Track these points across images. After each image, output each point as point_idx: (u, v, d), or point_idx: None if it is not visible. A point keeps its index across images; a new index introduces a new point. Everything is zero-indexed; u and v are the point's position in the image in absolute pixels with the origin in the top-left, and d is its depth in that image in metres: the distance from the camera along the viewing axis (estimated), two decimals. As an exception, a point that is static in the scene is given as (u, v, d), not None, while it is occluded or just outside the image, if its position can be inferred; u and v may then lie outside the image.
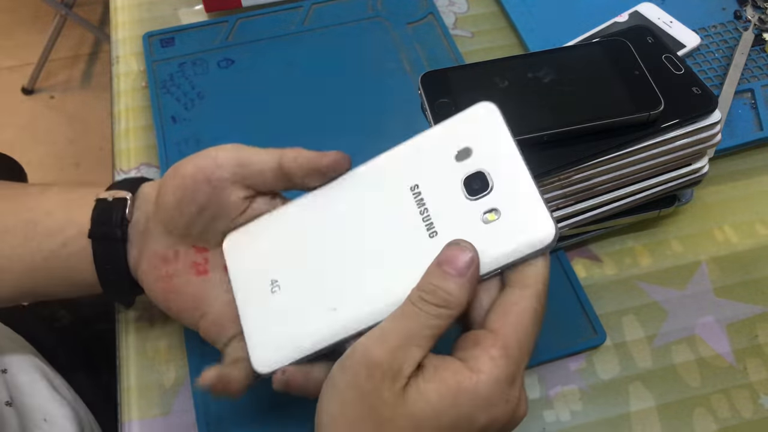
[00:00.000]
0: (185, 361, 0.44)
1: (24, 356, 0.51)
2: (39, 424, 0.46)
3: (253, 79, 0.58)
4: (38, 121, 1.70)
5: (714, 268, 0.48)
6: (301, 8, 0.64)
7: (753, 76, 0.56)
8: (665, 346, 0.45)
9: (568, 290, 0.47)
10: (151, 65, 0.59)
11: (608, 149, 0.41)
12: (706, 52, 0.58)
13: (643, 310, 0.47)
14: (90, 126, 1.67)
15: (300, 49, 0.61)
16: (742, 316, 0.46)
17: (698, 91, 0.43)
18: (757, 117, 0.54)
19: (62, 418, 0.48)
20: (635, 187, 0.45)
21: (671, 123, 0.41)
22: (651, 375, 0.44)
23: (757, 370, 0.44)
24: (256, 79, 0.58)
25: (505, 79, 0.43)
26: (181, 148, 0.54)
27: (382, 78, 0.59)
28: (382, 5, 0.64)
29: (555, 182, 0.41)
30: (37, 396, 0.48)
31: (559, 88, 0.42)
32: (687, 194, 0.50)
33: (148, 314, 0.47)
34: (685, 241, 0.50)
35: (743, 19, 0.60)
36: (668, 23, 0.57)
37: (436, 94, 0.42)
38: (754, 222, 0.50)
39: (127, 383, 0.44)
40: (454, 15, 0.64)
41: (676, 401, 0.43)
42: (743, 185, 0.52)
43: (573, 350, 0.45)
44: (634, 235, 0.50)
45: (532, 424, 0.42)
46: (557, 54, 0.44)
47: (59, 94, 1.76)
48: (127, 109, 0.58)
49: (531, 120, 0.41)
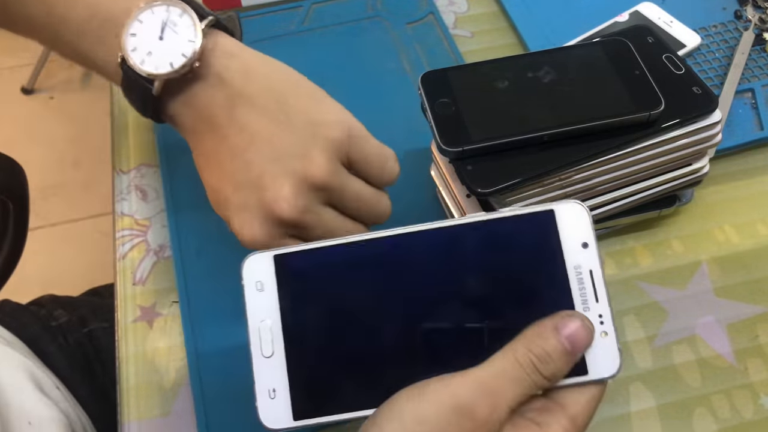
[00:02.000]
0: (185, 362, 0.44)
1: (11, 357, 0.50)
2: (23, 428, 0.46)
3: (253, 79, 0.58)
4: (38, 121, 1.70)
5: (714, 268, 0.48)
6: (301, 8, 0.64)
7: (753, 76, 0.56)
8: (666, 346, 0.45)
9: (568, 290, 0.47)
10: (151, 65, 0.59)
11: (608, 149, 0.41)
12: (706, 52, 0.58)
13: (643, 310, 0.46)
14: (90, 126, 1.67)
15: (300, 49, 0.61)
16: (742, 316, 0.46)
17: (699, 90, 0.43)
18: (757, 117, 0.54)
19: (49, 422, 0.47)
20: (635, 187, 0.45)
21: (672, 123, 0.41)
22: (651, 375, 0.44)
23: (758, 370, 0.44)
24: (256, 79, 0.58)
25: (505, 79, 0.42)
26: (180, 148, 0.54)
27: (382, 78, 0.59)
28: (381, 5, 0.64)
29: (555, 182, 0.41)
30: (23, 398, 0.47)
31: (559, 87, 0.42)
32: (687, 194, 0.50)
33: (149, 314, 0.47)
34: (685, 241, 0.50)
35: (744, 18, 0.60)
36: (668, 23, 0.57)
37: (436, 94, 0.42)
38: (754, 222, 0.50)
39: (126, 384, 0.44)
40: (454, 15, 0.64)
41: (676, 401, 0.43)
42: (744, 185, 0.52)
43: (573, 350, 0.44)
44: (634, 235, 0.50)
45: (533, 425, 0.42)
46: (557, 54, 0.44)
47: (59, 94, 1.76)
48: (126, 110, 0.58)
49: (531, 120, 0.41)
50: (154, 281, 0.48)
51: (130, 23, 0.37)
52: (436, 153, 0.46)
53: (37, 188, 1.49)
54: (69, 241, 1.42)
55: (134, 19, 0.37)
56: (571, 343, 0.29)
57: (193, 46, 0.37)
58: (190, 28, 0.37)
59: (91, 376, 0.56)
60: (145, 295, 0.48)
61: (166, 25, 0.37)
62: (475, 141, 0.40)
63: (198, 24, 0.37)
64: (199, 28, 0.37)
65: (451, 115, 0.41)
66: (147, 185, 0.54)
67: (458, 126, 0.40)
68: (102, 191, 1.47)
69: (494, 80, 0.43)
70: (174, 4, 0.38)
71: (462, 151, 0.40)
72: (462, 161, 0.40)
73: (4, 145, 0.65)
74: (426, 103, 0.42)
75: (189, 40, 0.37)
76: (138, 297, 0.48)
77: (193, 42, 0.37)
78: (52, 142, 1.65)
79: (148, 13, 0.37)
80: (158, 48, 0.37)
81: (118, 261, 0.50)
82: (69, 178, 1.57)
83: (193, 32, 0.37)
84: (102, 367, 0.58)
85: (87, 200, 1.48)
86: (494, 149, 0.40)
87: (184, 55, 0.37)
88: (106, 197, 1.48)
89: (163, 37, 0.37)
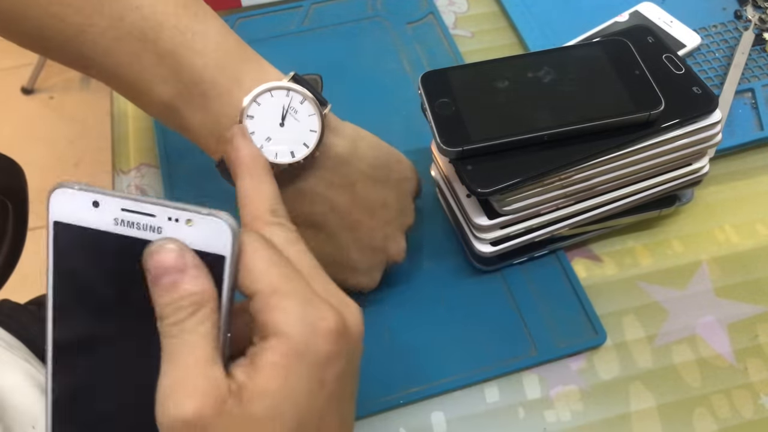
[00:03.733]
0: (185, 362, 0.44)
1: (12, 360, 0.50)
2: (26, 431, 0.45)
3: (253, 79, 0.58)
4: (38, 121, 1.70)
5: (715, 268, 0.48)
6: (301, 8, 0.64)
7: (753, 76, 0.56)
8: (666, 346, 0.45)
9: (568, 290, 0.47)
10: (151, 65, 0.59)
11: (608, 149, 0.41)
12: (706, 52, 0.58)
13: (643, 310, 0.46)
14: (90, 126, 1.67)
15: (300, 49, 0.61)
16: (742, 315, 0.46)
17: (699, 90, 0.43)
18: (757, 117, 0.54)
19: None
20: (636, 187, 0.45)
21: (672, 123, 0.41)
22: (651, 375, 0.44)
23: (758, 370, 0.44)
24: (256, 79, 0.58)
25: (505, 79, 0.42)
26: (180, 148, 0.54)
27: (382, 78, 0.59)
28: (381, 5, 0.64)
29: (555, 182, 0.41)
30: (25, 401, 0.47)
31: (559, 87, 0.42)
32: (687, 194, 0.50)
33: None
34: (685, 241, 0.50)
35: (744, 18, 0.60)
36: (668, 23, 0.57)
37: (436, 94, 0.42)
38: (754, 222, 0.50)
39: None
40: (454, 15, 0.64)
41: (676, 401, 0.43)
42: (744, 185, 0.52)
43: (573, 350, 0.44)
44: (634, 234, 0.50)
45: (533, 425, 0.42)
46: (557, 54, 0.44)
47: (59, 94, 1.75)
48: (126, 109, 0.58)
49: (531, 120, 0.41)
50: (154, 281, 0.48)
51: (249, 104, 0.36)
52: (436, 153, 0.46)
53: (37, 188, 1.48)
54: (69, 241, 1.42)
55: (253, 101, 0.36)
56: (158, 274, 0.25)
57: (316, 135, 0.36)
58: (313, 117, 0.36)
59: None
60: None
61: (288, 111, 0.36)
62: (475, 141, 0.40)
63: (320, 114, 0.37)
64: (321, 118, 0.36)
65: (451, 115, 0.41)
66: (147, 185, 0.54)
67: (458, 126, 0.40)
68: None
69: (494, 80, 0.43)
70: (295, 90, 0.36)
71: (462, 151, 0.40)
72: (462, 161, 0.40)
73: (4, 145, 0.65)
74: (426, 103, 0.42)
75: (311, 129, 0.36)
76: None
77: (315, 132, 0.36)
78: (52, 142, 1.65)
79: (267, 96, 0.36)
80: (278, 134, 0.36)
81: (118, 261, 0.50)
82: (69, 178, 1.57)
83: (316, 122, 0.36)
84: None
85: (87, 200, 1.48)
86: (494, 149, 0.40)
87: (306, 145, 0.36)
88: (106, 197, 1.47)
89: (284, 124, 0.36)
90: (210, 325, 0.26)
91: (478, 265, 0.47)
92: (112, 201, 0.26)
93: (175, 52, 0.35)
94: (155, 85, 0.36)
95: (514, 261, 0.47)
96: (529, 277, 0.47)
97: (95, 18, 0.34)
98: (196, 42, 0.35)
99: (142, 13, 0.34)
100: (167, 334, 0.25)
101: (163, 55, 0.35)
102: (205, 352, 0.25)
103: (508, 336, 0.45)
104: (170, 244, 0.25)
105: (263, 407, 0.25)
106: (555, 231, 0.45)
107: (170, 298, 0.25)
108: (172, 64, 0.35)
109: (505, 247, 0.45)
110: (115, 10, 0.34)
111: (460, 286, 0.47)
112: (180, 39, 0.35)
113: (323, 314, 0.27)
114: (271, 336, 0.26)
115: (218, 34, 0.36)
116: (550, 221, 0.44)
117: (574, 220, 0.45)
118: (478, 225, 0.43)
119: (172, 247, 0.25)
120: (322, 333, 0.26)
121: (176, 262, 0.25)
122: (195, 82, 0.36)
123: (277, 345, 0.26)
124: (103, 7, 0.34)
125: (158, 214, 0.26)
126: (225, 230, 0.26)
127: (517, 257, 0.47)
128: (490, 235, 0.43)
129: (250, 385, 0.25)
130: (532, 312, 0.46)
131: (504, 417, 0.43)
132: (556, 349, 0.44)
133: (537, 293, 0.47)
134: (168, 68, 0.35)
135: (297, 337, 0.26)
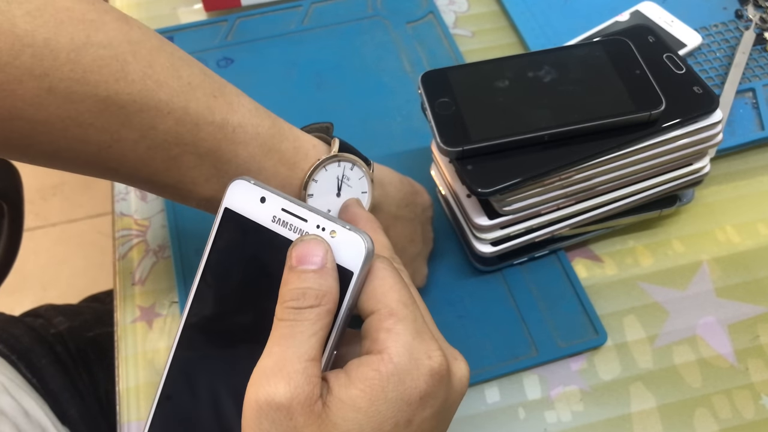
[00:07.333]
0: (184, 362, 0.44)
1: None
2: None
3: (253, 78, 0.58)
4: (37, 121, 1.70)
5: (715, 268, 0.48)
6: (301, 7, 0.64)
7: (754, 76, 0.56)
8: (666, 347, 0.45)
9: (568, 290, 0.47)
10: (150, 65, 0.59)
11: (609, 149, 0.41)
12: (707, 52, 0.58)
13: (644, 310, 0.46)
14: (89, 126, 1.67)
15: (300, 49, 0.61)
16: (743, 316, 0.46)
17: (699, 90, 0.43)
18: (758, 116, 0.54)
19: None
20: (636, 187, 0.45)
21: (672, 122, 0.41)
22: (652, 375, 0.44)
23: (759, 370, 0.44)
24: (256, 78, 0.58)
25: (506, 79, 0.42)
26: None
27: (382, 78, 0.58)
28: (381, 4, 0.64)
29: (555, 182, 0.41)
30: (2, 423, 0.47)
31: (559, 87, 0.42)
32: (688, 194, 0.50)
33: (148, 315, 0.47)
34: (686, 241, 0.49)
35: (744, 18, 0.60)
36: (669, 22, 0.57)
37: (436, 94, 0.42)
38: (755, 222, 0.50)
39: (125, 384, 0.44)
40: (455, 14, 0.64)
41: (677, 402, 0.43)
42: (744, 185, 0.52)
43: (574, 350, 0.44)
44: (635, 235, 0.50)
45: (534, 425, 0.42)
46: (558, 53, 0.44)
47: (58, 93, 1.75)
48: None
49: (532, 120, 0.41)
50: (154, 281, 0.48)
51: (309, 183, 0.36)
52: (436, 153, 0.46)
53: (37, 188, 1.49)
54: (68, 241, 1.42)
55: (311, 179, 0.36)
56: (300, 261, 0.27)
57: (367, 196, 0.37)
58: (363, 180, 0.37)
59: (80, 396, 0.55)
60: (145, 296, 0.48)
61: (342, 181, 0.37)
62: (475, 141, 0.40)
63: (369, 175, 0.37)
64: (370, 179, 0.37)
65: (451, 114, 0.41)
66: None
67: (458, 126, 0.40)
68: (101, 191, 1.47)
69: (495, 80, 0.42)
70: (344, 159, 0.37)
71: (462, 150, 0.40)
72: (462, 161, 0.40)
73: (3, 145, 0.65)
74: (426, 103, 0.42)
75: (362, 191, 0.37)
76: (137, 297, 0.48)
77: (366, 193, 0.37)
78: (51, 141, 1.65)
79: (323, 172, 0.36)
80: (336, 205, 0.37)
81: (117, 261, 0.50)
82: (68, 178, 1.57)
83: (367, 183, 0.37)
84: (105, 373, 0.57)
85: (86, 200, 1.48)
86: (494, 149, 0.40)
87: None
88: (106, 197, 1.48)
89: (340, 195, 0.37)
90: (323, 326, 0.26)
91: (479, 265, 0.47)
92: (277, 200, 0.29)
93: (218, 150, 0.34)
94: (197, 186, 0.34)
95: (514, 261, 0.47)
96: (530, 277, 0.47)
97: (123, 132, 0.31)
98: (237, 135, 0.34)
99: (174, 117, 0.32)
100: (284, 316, 0.26)
101: (203, 155, 0.33)
102: (311, 348, 0.26)
103: (508, 336, 0.45)
104: (321, 241, 0.27)
105: (345, 420, 0.25)
106: (555, 231, 0.45)
107: (300, 284, 0.26)
108: (214, 162, 0.34)
109: (506, 248, 0.45)
110: (146, 120, 0.31)
111: (460, 287, 0.47)
112: (220, 135, 0.33)
113: (431, 352, 0.27)
114: (375, 353, 0.26)
115: (252, 116, 0.35)
116: (550, 221, 0.44)
117: (574, 220, 0.45)
118: (479, 225, 0.43)
119: (322, 244, 0.27)
120: (425, 370, 0.27)
121: (320, 257, 0.27)
122: (241, 173, 0.34)
123: (377, 362, 0.26)
124: (131, 120, 0.31)
125: (310, 220, 0.28)
126: (361, 249, 0.27)
127: (518, 257, 0.47)
128: (491, 235, 0.43)
129: (341, 394, 0.26)
130: (532, 312, 0.46)
131: (504, 417, 0.42)
132: (557, 349, 0.44)
133: (537, 293, 0.47)
134: (210, 166, 0.34)
135: (400, 362, 0.26)
